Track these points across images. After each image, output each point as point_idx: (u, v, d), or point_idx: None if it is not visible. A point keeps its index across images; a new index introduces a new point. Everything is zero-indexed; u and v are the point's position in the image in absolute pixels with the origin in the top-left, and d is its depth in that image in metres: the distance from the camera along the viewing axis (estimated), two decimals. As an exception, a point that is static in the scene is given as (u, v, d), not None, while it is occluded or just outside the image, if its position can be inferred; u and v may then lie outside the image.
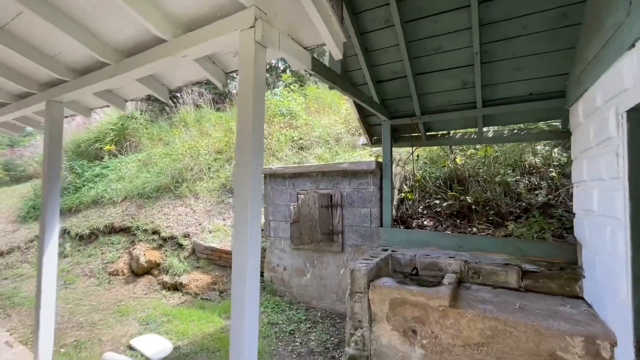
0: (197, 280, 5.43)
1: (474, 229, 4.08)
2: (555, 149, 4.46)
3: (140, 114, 10.85)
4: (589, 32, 2.63)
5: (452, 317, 2.81)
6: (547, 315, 2.61)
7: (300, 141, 7.82)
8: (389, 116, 4.26)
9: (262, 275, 5.32)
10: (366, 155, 6.19)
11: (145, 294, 5.51)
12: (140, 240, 6.49)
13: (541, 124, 4.04)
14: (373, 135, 4.83)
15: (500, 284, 3.32)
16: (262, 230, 5.31)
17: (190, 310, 4.63)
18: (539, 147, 4.66)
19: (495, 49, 3.25)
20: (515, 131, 4.14)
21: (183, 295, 5.31)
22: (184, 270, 5.64)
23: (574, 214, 3.26)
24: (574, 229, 3.26)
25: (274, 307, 4.70)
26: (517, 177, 4.50)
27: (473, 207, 4.30)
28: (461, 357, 2.74)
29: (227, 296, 5.03)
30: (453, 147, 4.90)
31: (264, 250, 5.19)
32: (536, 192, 4.18)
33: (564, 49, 3.06)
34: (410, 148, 4.68)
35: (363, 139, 5.00)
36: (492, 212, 4.17)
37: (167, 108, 10.91)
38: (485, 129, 4.11)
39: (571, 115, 3.25)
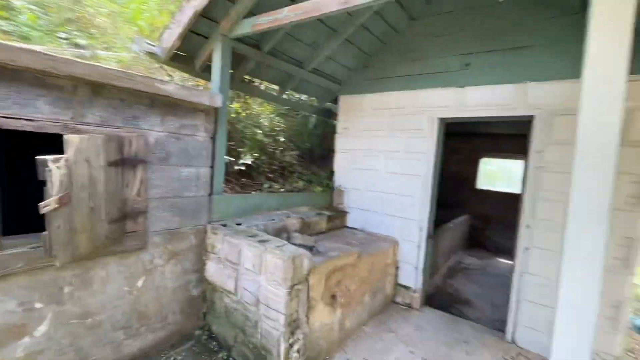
0: None
1: (266, 186, 4.11)
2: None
3: None
4: (398, 55, 3.98)
5: (358, 266, 3.17)
6: (372, 241, 3.84)
7: None
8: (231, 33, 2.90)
9: None
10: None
11: None
12: None
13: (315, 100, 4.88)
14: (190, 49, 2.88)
15: (318, 230, 3.98)
16: None
17: None
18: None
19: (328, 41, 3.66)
20: (302, 100, 4.63)
21: None
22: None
23: (334, 170, 4.66)
24: (335, 181, 4.65)
25: None
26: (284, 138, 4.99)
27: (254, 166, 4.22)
28: (356, 294, 3.23)
29: None
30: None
31: None
32: (293, 153, 4.99)
33: (365, 53, 4.19)
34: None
35: (157, 45, 2.76)
36: (273, 169, 4.42)
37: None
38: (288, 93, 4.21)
39: (343, 101, 4.52)
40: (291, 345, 2.35)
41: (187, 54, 3.12)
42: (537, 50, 3.09)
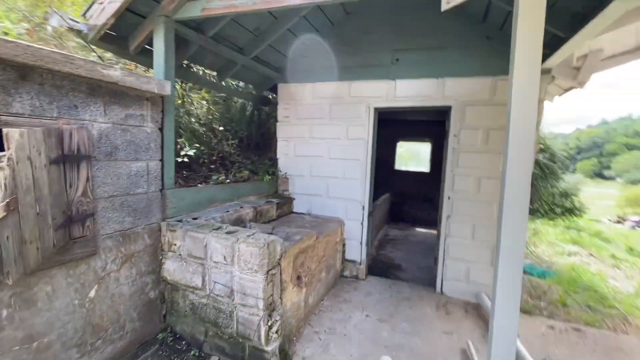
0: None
1: (215, 177, 3.96)
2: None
3: None
4: (336, 47, 4.20)
5: (316, 247, 3.39)
6: (321, 223, 4.09)
7: None
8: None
9: None
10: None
11: None
12: None
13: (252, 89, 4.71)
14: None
15: (269, 217, 4.05)
16: None
17: None
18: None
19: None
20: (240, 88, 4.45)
21: None
22: None
23: (278, 158, 4.72)
24: (281, 168, 4.71)
25: None
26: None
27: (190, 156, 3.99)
28: (316, 272, 3.46)
29: None
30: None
31: None
32: (231, 142, 4.80)
33: (304, 43, 4.30)
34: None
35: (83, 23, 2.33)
36: (213, 159, 4.23)
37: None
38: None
39: (282, 89, 4.56)
40: (270, 327, 2.46)
41: (117, 34, 2.75)
42: (452, 50, 3.69)
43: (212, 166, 4.30)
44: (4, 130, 1.47)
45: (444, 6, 2.02)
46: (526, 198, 1.68)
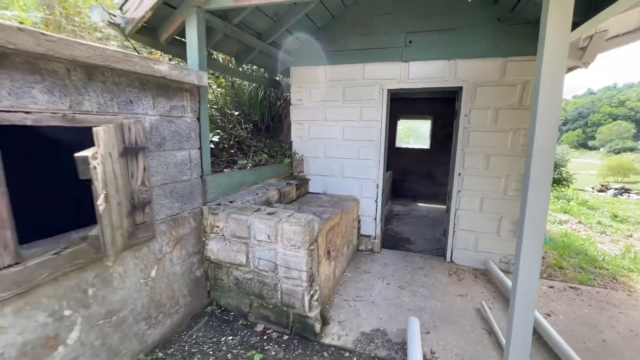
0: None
1: (242, 162, 4.12)
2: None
3: None
4: (349, 29, 4.27)
5: (340, 224, 3.65)
6: (338, 202, 4.35)
7: None
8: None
9: None
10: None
11: None
12: None
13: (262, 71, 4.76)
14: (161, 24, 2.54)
15: (290, 198, 4.27)
16: None
17: None
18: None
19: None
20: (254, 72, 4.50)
21: None
22: None
23: (292, 141, 4.87)
24: (296, 150, 4.88)
25: None
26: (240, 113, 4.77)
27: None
28: (340, 247, 3.74)
29: None
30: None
31: None
32: (246, 126, 4.91)
33: (317, 26, 4.34)
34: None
35: (118, 13, 2.38)
36: (230, 144, 4.37)
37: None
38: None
39: (295, 72, 4.64)
40: (312, 296, 2.74)
41: (148, 26, 2.80)
42: (463, 32, 3.83)
43: (232, 151, 4.44)
44: (94, 129, 1.61)
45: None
46: (550, 169, 1.91)
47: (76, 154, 1.51)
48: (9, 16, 3.00)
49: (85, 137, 1.77)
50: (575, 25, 2.79)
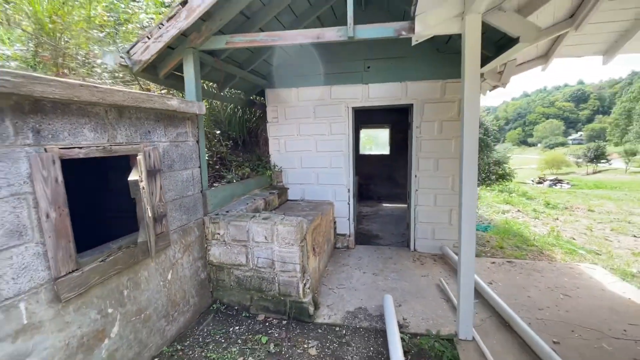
0: None
1: (229, 176, 4.56)
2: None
3: None
4: (317, 56, 4.93)
5: (321, 224, 4.24)
6: (316, 206, 4.94)
7: None
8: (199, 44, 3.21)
9: None
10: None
11: None
12: None
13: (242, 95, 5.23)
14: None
15: (274, 206, 4.79)
16: None
17: None
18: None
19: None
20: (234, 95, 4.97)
21: None
22: None
23: (271, 154, 5.40)
24: (275, 163, 5.40)
25: None
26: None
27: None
28: (322, 245, 4.33)
29: None
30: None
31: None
32: (227, 143, 5.33)
33: (288, 54, 4.95)
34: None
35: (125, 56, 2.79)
36: (215, 160, 4.80)
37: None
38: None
39: (270, 93, 5.20)
40: (305, 285, 3.29)
41: (151, 65, 3.22)
42: (411, 59, 4.66)
43: (217, 167, 4.87)
44: (138, 155, 2.06)
45: (413, 42, 2.92)
46: (476, 170, 2.68)
47: (130, 178, 1.96)
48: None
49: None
50: (489, 58, 3.69)
